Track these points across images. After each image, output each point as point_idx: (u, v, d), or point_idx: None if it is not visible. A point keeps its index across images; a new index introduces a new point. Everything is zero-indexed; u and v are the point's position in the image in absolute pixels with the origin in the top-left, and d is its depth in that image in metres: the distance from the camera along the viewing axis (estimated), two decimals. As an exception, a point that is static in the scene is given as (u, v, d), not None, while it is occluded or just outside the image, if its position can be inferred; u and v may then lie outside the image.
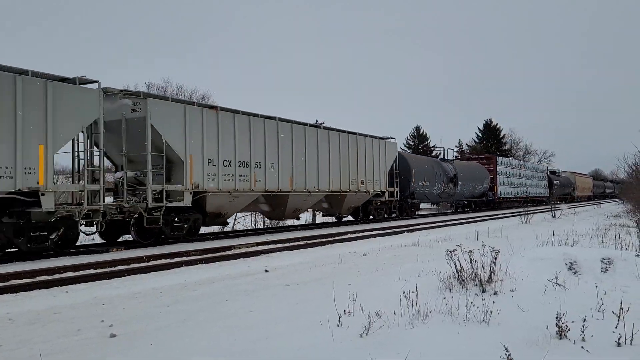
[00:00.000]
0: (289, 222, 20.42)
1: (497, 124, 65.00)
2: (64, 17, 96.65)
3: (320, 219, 25.18)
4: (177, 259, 10.12)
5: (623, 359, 3.85)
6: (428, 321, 4.77)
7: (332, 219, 21.13)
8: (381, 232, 16.43)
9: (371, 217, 22.60)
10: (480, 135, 65.08)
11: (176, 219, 13.15)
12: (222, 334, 4.67)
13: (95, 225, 11.67)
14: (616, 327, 4.23)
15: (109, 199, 12.48)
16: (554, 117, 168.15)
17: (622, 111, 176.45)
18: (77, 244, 11.91)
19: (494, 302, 5.08)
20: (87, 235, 12.61)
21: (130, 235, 12.84)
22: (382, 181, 22.12)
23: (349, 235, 15.07)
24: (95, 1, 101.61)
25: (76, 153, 11.73)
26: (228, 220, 16.84)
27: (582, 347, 4.02)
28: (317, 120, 17.43)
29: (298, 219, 19.62)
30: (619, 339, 4.06)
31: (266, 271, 8.93)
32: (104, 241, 13.21)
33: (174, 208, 12.90)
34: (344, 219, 23.24)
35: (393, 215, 24.09)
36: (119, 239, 13.35)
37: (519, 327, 4.54)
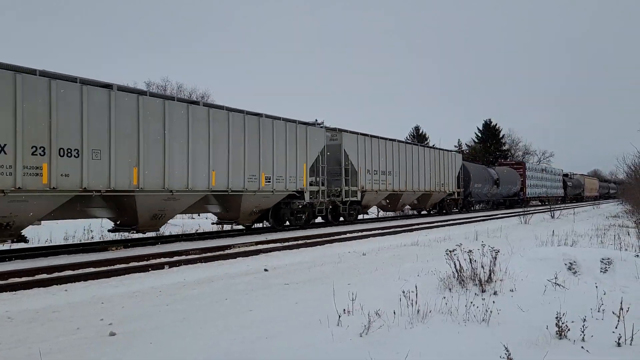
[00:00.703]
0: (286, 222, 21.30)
1: (496, 124, 64.99)
2: (64, 17, 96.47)
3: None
4: (176, 258, 10.12)
5: (623, 359, 3.85)
6: (428, 321, 4.77)
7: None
8: (380, 231, 16.43)
9: (444, 211, 29.24)
10: (480, 135, 65.00)
11: (352, 209, 20.07)
12: (222, 333, 4.66)
13: (318, 212, 18.46)
14: (616, 328, 4.23)
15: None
16: (553, 117, 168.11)
17: (622, 111, 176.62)
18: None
19: (493, 302, 5.08)
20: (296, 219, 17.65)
21: (316, 219, 19.52)
22: (453, 183, 29.02)
23: (348, 235, 15.05)
24: (95, 1, 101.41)
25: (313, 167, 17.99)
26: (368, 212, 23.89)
27: (582, 347, 4.02)
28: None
29: (402, 211, 28.11)
30: (618, 339, 4.06)
31: (265, 270, 8.92)
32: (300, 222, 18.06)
33: (350, 201, 19.73)
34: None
35: (454, 210, 30.69)
36: (310, 221, 18.95)
37: (518, 327, 4.53)
